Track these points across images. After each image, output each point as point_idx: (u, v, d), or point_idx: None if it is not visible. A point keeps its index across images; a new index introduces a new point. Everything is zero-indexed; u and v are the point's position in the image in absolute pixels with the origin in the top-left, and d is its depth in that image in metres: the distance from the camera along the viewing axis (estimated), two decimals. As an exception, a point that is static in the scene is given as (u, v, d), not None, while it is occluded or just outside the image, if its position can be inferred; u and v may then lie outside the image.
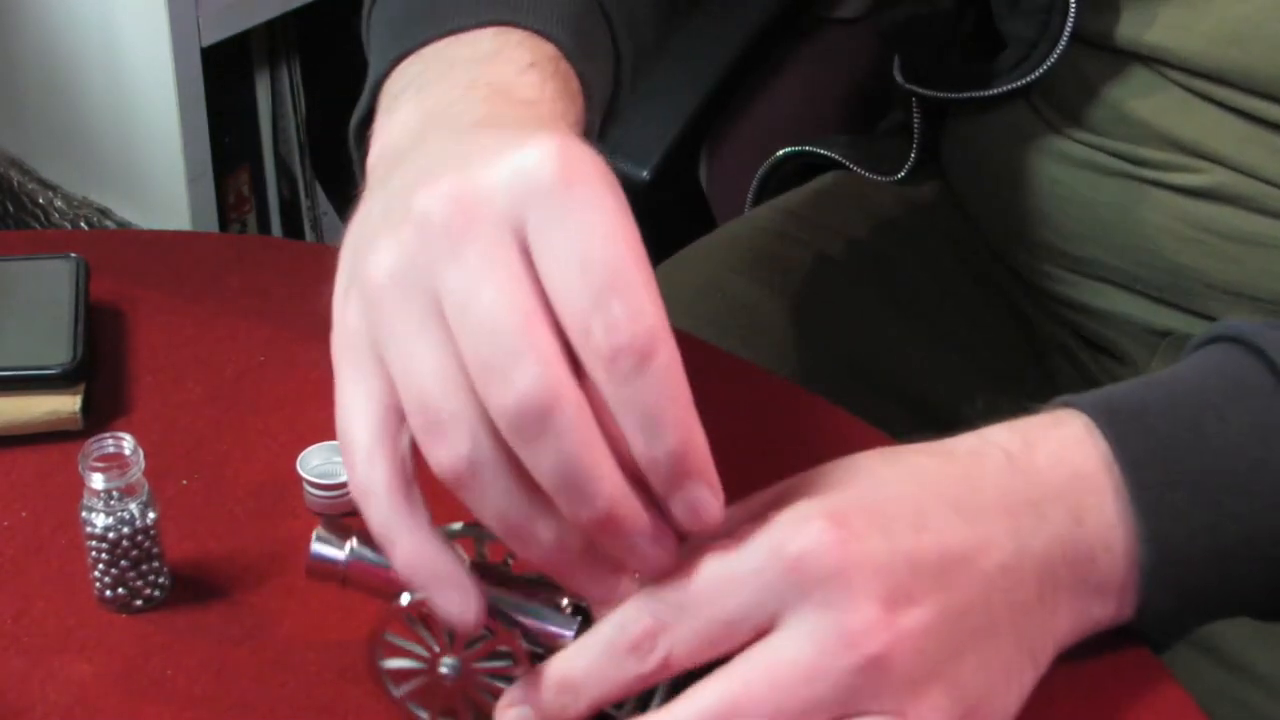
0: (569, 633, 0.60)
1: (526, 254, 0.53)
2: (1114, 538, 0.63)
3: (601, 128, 0.76)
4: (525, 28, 0.68)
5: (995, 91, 0.92)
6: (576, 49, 0.69)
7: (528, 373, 0.51)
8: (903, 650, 0.57)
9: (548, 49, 0.68)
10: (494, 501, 0.54)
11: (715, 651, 0.57)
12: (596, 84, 0.71)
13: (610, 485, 0.53)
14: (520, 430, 0.52)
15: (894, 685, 0.57)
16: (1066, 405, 0.65)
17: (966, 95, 0.95)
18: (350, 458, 0.55)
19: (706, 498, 0.54)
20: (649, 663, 0.57)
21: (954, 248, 1.03)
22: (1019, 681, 0.62)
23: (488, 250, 0.52)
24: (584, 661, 0.58)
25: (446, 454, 0.53)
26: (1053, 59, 0.89)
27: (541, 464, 0.52)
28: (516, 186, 0.53)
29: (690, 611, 0.57)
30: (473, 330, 0.52)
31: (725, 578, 0.57)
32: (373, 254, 0.55)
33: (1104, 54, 0.89)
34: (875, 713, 0.57)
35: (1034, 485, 0.62)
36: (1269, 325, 0.66)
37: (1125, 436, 0.63)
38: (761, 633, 0.57)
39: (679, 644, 0.57)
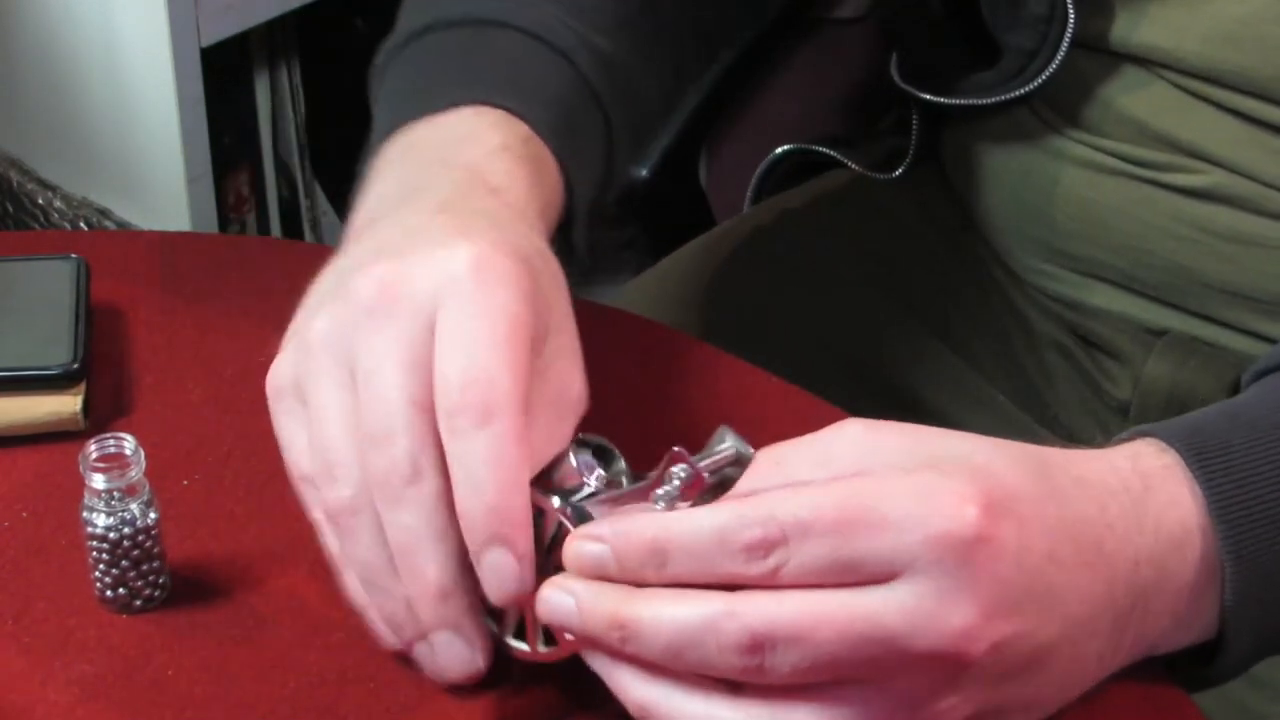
0: None
1: (432, 340, 0.60)
2: (1181, 600, 0.63)
3: (604, 190, 0.80)
4: (500, 107, 0.73)
5: (994, 100, 0.92)
6: (552, 126, 0.74)
7: (398, 446, 0.59)
8: (974, 660, 0.57)
9: (520, 129, 0.73)
10: (361, 548, 0.61)
11: (823, 582, 0.56)
12: (580, 159, 0.76)
13: (436, 568, 0.59)
14: (381, 494, 0.60)
15: (943, 683, 0.57)
16: (1151, 435, 0.65)
17: (965, 102, 0.95)
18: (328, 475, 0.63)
19: (510, 565, 0.58)
20: (754, 569, 0.56)
21: (952, 246, 1.03)
22: (1041, 713, 0.62)
23: (398, 332, 0.61)
24: (686, 535, 0.57)
25: (334, 494, 0.61)
26: (1052, 69, 0.89)
27: (390, 529, 0.60)
28: (435, 281, 0.61)
29: (819, 539, 0.56)
30: (368, 400, 0.60)
31: (866, 521, 0.56)
32: (314, 319, 0.63)
33: (1101, 56, 0.89)
34: (906, 697, 0.57)
35: (1143, 543, 0.62)
36: None
37: (1214, 478, 0.63)
38: (872, 582, 0.56)
39: (794, 564, 0.56)
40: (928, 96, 0.97)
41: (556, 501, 0.60)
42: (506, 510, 0.58)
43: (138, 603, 0.67)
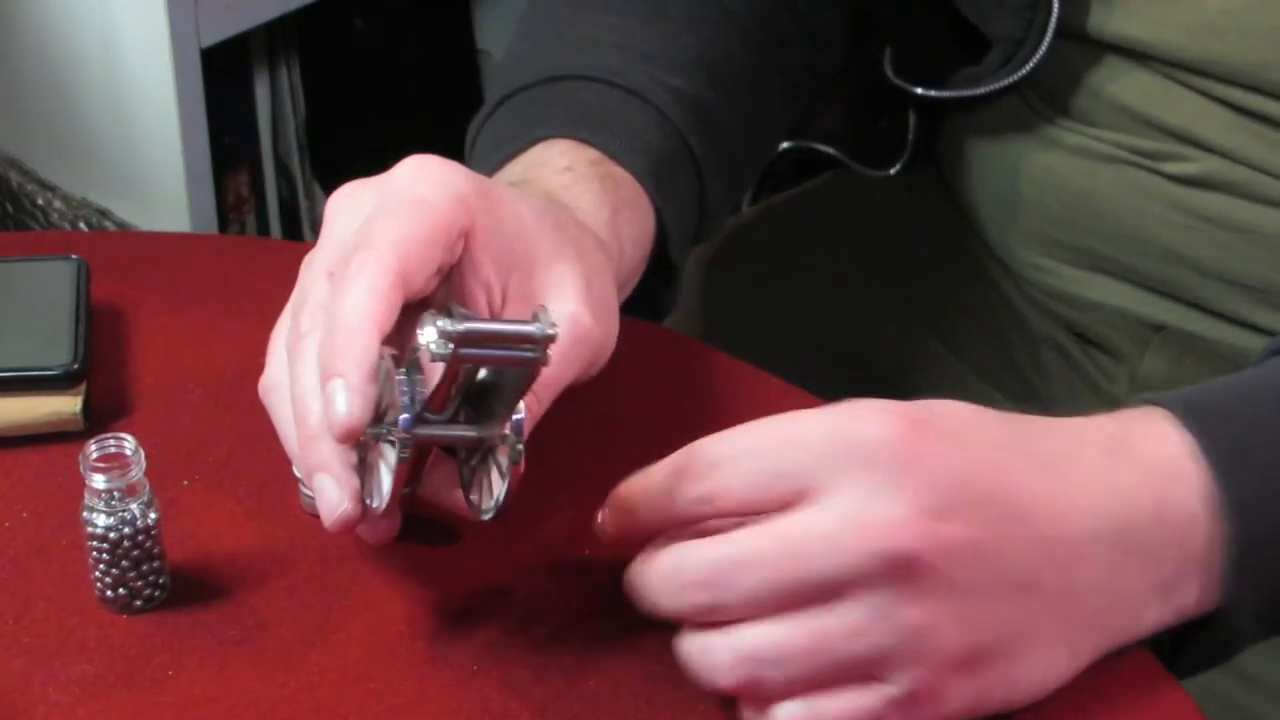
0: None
1: None
2: (1193, 532, 0.64)
3: (701, 210, 0.84)
4: (568, 138, 0.78)
5: (984, 90, 0.92)
6: (625, 148, 0.78)
7: (305, 309, 0.66)
8: (922, 557, 0.58)
9: (589, 153, 0.77)
10: (279, 420, 0.67)
11: (758, 502, 0.60)
12: (661, 180, 0.79)
13: (318, 411, 0.63)
14: (290, 354, 0.66)
15: (902, 587, 0.59)
16: (1147, 402, 0.67)
17: (955, 94, 0.95)
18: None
19: (340, 396, 0.61)
20: (693, 492, 0.61)
21: (949, 245, 1.03)
22: (1049, 662, 0.62)
23: (340, 226, 0.68)
24: (640, 485, 0.63)
25: (262, 379, 0.68)
26: (1039, 54, 0.89)
27: (292, 384, 0.65)
28: (377, 184, 0.68)
29: (747, 456, 0.61)
30: (300, 280, 0.68)
31: (790, 434, 0.61)
32: None
33: (1088, 45, 0.89)
34: (873, 608, 0.59)
35: (1127, 471, 0.63)
36: None
37: (1207, 428, 0.64)
38: (801, 499, 0.59)
39: (724, 483, 0.61)
40: (919, 90, 0.97)
41: (392, 369, 0.62)
42: (343, 347, 0.62)
43: (138, 603, 0.68)
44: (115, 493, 0.66)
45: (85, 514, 0.66)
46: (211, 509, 0.72)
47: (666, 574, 0.61)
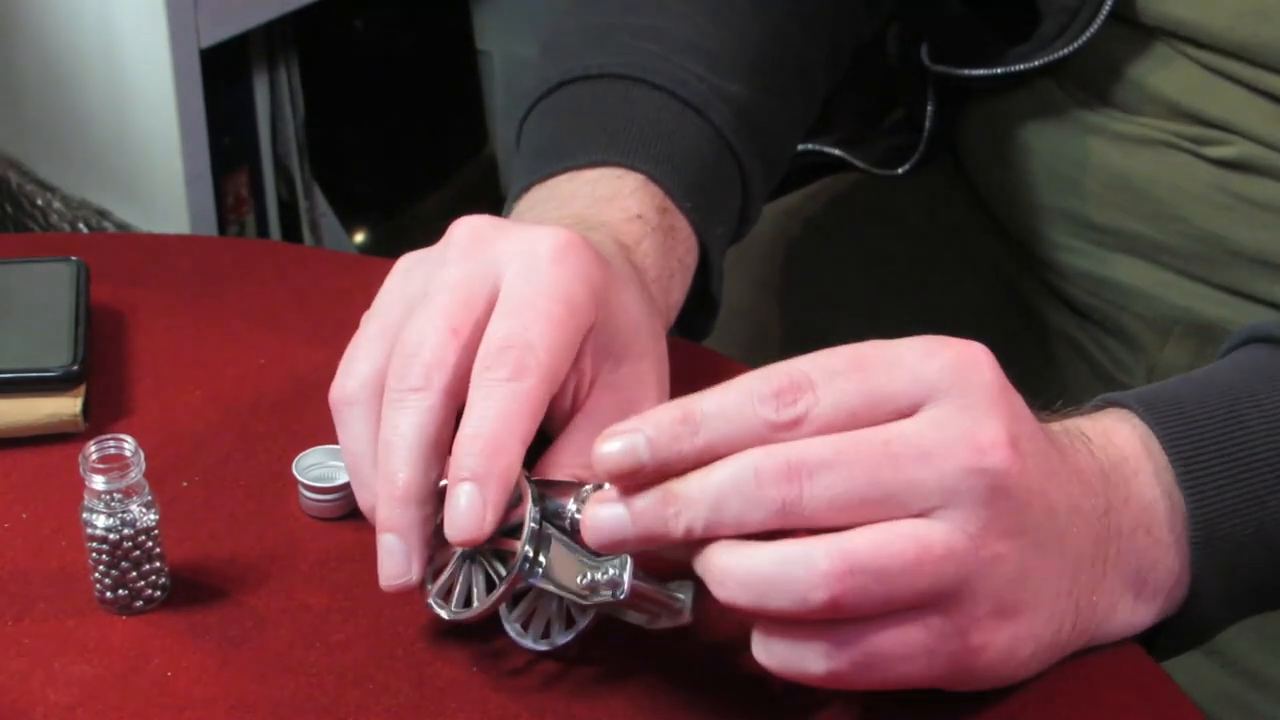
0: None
1: (495, 292, 0.65)
2: (1153, 519, 0.64)
3: (739, 233, 0.85)
4: (640, 171, 0.77)
5: (1038, 63, 0.92)
6: (689, 189, 0.78)
7: (420, 357, 0.64)
8: (1011, 481, 0.58)
9: (656, 198, 0.77)
10: (351, 438, 0.66)
11: (851, 423, 0.58)
12: (716, 216, 0.80)
13: (407, 473, 0.63)
14: (389, 394, 0.64)
15: (992, 511, 0.58)
16: (1106, 403, 0.67)
17: (1002, 70, 0.94)
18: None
19: (475, 505, 0.61)
20: (784, 414, 0.58)
21: (958, 244, 1.03)
22: (1054, 621, 0.62)
23: (468, 272, 0.66)
24: (714, 399, 0.59)
25: (340, 384, 0.67)
26: (1096, 24, 0.89)
27: (384, 427, 0.64)
28: (519, 246, 0.66)
29: (843, 377, 0.59)
30: (416, 315, 0.65)
31: (886, 360, 0.59)
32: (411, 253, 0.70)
33: (1133, 33, 0.89)
34: (966, 529, 0.58)
35: (1113, 493, 0.63)
36: None
37: (1164, 420, 0.65)
38: (897, 418, 0.58)
39: (824, 404, 0.58)
40: (967, 72, 0.97)
41: (531, 498, 0.62)
42: (495, 455, 0.61)
43: (138, 604, 0.68)
44: (115, 494, 0.66)
45: (85, 515, 0.66)
46: (211, 510, 0.72)
47: (751, 465, 0.57)
